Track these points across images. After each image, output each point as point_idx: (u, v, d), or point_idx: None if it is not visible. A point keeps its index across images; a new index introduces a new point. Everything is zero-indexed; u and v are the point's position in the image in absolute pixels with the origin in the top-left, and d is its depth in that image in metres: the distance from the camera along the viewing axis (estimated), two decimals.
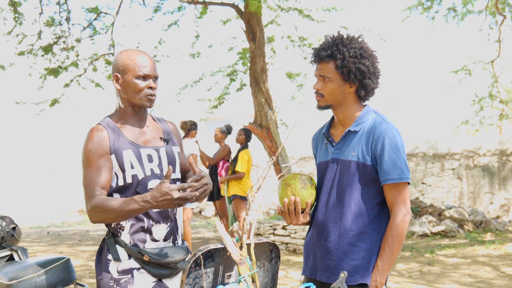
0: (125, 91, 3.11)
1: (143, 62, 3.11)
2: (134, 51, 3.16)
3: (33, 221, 19.65)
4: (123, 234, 3.08)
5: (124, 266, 3.07)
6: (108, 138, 3.06)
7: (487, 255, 10.53)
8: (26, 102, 13.02)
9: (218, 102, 14.97)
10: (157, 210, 3.09)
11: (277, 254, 2.91)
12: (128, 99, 3.13)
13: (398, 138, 3.05)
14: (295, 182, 3.06)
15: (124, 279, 3.06)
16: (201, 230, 15.66)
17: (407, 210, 3.00)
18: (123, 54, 3.15)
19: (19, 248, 4.33)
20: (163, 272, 3.10)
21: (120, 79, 3.10)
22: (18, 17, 12.16)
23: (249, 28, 11.42)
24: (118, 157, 3.05)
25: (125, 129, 3.14)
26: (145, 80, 3.10)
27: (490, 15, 16.48)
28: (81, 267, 9.53)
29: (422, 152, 17.45)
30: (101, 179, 3.00)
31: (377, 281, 2.98)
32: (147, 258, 3.03)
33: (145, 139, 3.16)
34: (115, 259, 3.07)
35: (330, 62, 3.09)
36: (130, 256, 3.07)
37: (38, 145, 22.89)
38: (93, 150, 3.03)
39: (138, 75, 3.08)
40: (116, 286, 3.05)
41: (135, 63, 3.09)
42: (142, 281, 3.07)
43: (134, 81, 3.08)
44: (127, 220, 3.06)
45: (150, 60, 3.15)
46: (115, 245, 3.09)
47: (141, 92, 3.09)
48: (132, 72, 3.08)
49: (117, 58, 3.14)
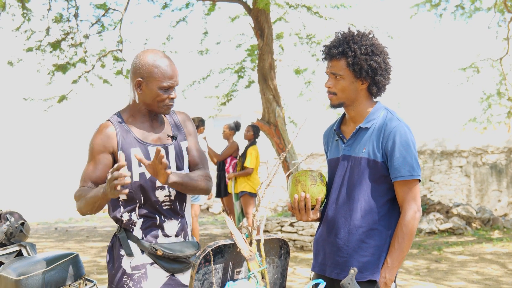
0: (146, 97, 3.09)
1: (169, 73, 3.07)
2: (160, 57, 3.10)
3: (41, 217, 19.70)
4: (135, 230, 3.11)
5: (137, 262, 3.09)
6: (116, 135, 3.09)
7: (495, 252, 10.51)
8: (34, 99, 13.03)
9: (226, 99, 14.96)
10: (167, 207, 3.11)
11: (286, 250, 2.91)
12: (147, 105, 3.12)
13: (409, 135, 3.05)
14: (305, 178, 3.05)
15: (137, 274, 3.08)
16: (208, 227, 15.67)
17: (417, 207, 2.99)
18: (149, 58, 3.08)
19: (27, 243, 4.34)
20: (176, 266, 3.12)
21: (143, 85, 3.07)
22: (26, 13, 12.16)
23: (258, 25, 11.40)
24: (126, 154, 3.07)
25: (134, 126, 3.15)
26: (168, 91, 3.09)
27: (499, 12, 16.39)
28: (89, 263, 9.55)
29: (430, 150, 17.41)
30: (94, 174, 3.07)
31: (387, 277, 2.98)
32: (161, 252, 3.04)
33: (154, 137, 3.16)
34: (128, 255, 3.09)
35: (342, 60, 3.08)
36: (143, 252, 3.10)
37: (46, 141, 22.93)
38: (95, 146, 3.08)
39: (163, 86, 3.06)
40: (130, 281, 3.07)
41: (161, 73, 3.05)
42: (155, 276, 3.09)
43: (157, 92, 3.06)
44: (139, 217, 3.09)
45: (175, 70, 3.12)
46: (128, 240, 3.11)
47: (162, 102, 3.09)
48: (157, 82, 3.05)
49: (141, 62, 3.08)
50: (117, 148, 3.07)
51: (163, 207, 3.11)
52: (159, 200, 3.11)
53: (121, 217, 3.12)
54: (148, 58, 3.08)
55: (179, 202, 3.17)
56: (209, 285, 2.55)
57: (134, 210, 3.10)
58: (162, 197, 3.12)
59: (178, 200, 3.17)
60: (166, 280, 3.11)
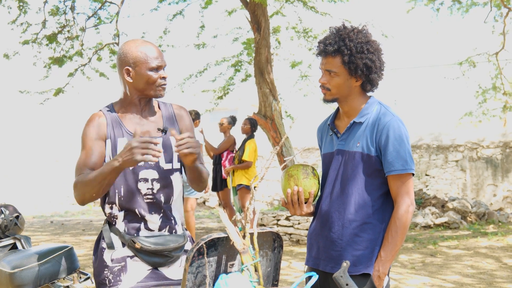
0: (138, 83, 3.09)
1: (154, 53, 3.09)
2: (141, 42, 3.14)
3: (37, 210, 19.71)
4: (117, 223, 3.10)
5: (118, 254, 3.09)
6: (106, 125, 3.09)
7: (490, 246, 10.54)
8: (30, 91, 13.02)
9: (223, 93, 14.96)
10: (149, 201, 3.09)
11: (280, 243, 2.91)
12: (141, 91, 3.11)
13: (403, 129, 3.05)
14: (297, 172, 3.06)
15: (117, 267, 3.08)
16: (205, 220, 15.70)
17: (411, 201, 3.00)
18: (131, 46, 3.11)
19: (22, 236, 4.35)
20: (157, 260, 3.10)
21: (132, 72, 3.07)
22: (22, 5, 12.13)
23: (254, 19, 11.39)
24: (112, 144, 3.07)
25: (125, 118, 3.15)
26: (158, 71, 3.09)
27: (495, 7, 16.41)
28: (84, 256, 9.56)
29: (426, 144, 17.44)
30: (89, 161, 3.03)
31: (380, 271, 2.99)
32: (139, 246, 3.03)
33: (144, 129, 3.13)
34: (109, 247, 3.09)
35: (337, 57, 3.08)
36: (124, 244, 3.09)
37: (41, 134, 22.91)
38: (87, 134, 3.08)
39: (151, 67, 3.06)
40: (110, 274, 3.07)
41: (146, 55, 3.07)
42: (135, 269, 3.08)
43: (147, 73, 3.06)
44: (120, 210, 3.08)
45: (158, 50, 3.14)
46: (110, 233, 3.11)
47: (155, 83, 3.09)
48: (144, 64, 3.05)
49: (124, 51, 3.10)
50: (106, 137, 3.08)
51: (145, 200, 3.09)
52: (141, 192, 3.09)
53: (104, 208, 3.13)
54: (130, 46, 3.11)
55: (163, 196, 3.14)
56: (202, 278, 2.55)
57: (114, 203, 3.08)
58: (144, 190, 3.09)
59: (163, 193, 3.14)
60: (148, 273, 3.09)
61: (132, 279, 3.07)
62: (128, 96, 3.16)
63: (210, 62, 15.10)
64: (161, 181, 3.13)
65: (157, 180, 3.12)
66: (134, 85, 3.10)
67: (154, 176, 3.11)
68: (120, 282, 3.06)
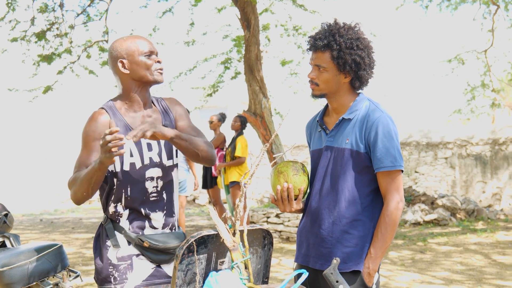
0: (135, 72, 3.08)
1: (143, 42, 3.11)
2: (129, 36, 3.16)
3: (26, 208, 19.63)
4: (121, 221, 3.10)
5: (123, 253, 3.09)
6: (110, 123, 3.05)
7: (479, 243, 10.59)
8: (19, 89, 12.97)
9: (213, 90, 14.95)
10: (154, 198, 3.10)
11: (270, 240, 2.91)
12: (140, 79, 3.10)
13: (392, 125, 3.05)
14: (287, 169, 3.06)
15: (123, 265, 3.07)
16: (195, 218, 15.68)
17: (400, 198, 3.00)
18: (120, 41, 3.13)
19: (11, 235, 4.33)
20: (163, 258, 3.13)
21: (126, 63, 3.08)
22: (11, 3, 12.07)
23: (244, 16, 11.38)
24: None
25: (127, 115, 3.14)
26: (151, 56, 3.10)
27: (484, 4, 16.46)
28: (74, 254, 9.54)
29: (415, 141, 17.48)
30: (88, 161, 3.00)
31: (370, 268, 2.99)
32: (147, 244, 3.04)
33: None
34: (114, 245, 3.08)
35: (326, 52, 3.08)
36: (129, 243, 3.09)
37: (31, 132, 22.83)
38: (89, 133, 3.04)
39: (144, 52, 3.07)
40: (115, 272, 3.07)
41: (136, 43, 3.09)
42: (141, 267, 3.09)
43: (142, 59, 3.07)
44: (125, 208, 3.08)
45: (147, 40, 3.16)
46: (114, 231, 3.11)
47: (151, 68, 3.09)
48: (137, 52, 3.07)
49: (115, 47, 3.12)
50: None
51: (150, 198, 3.10)
52: (147, 191, 3.10)
53: (108, 207, 3.12)
54: (119, 41, 3.14)
55: (166, 194, 3.16)
56: (192, 275, 2.55)
57: (120, 201, 3.08)
58: (151, 188, 3.11)
59: (166, 191, 3.16)
60: (152, 272, 3.11)
61: (138, 277, 3.09)
62: (127, 91, 3.15)
63: (200, 60, 15.09)
64: (164, 178, 3.16)
65: (161, 177, 3.15)
66: (131, 76, 3.10)
67: (158, 174, 3.14)
68: (126, 280, 3.07)
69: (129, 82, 3.12)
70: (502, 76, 22.11)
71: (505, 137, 16.27)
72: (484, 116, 20.41)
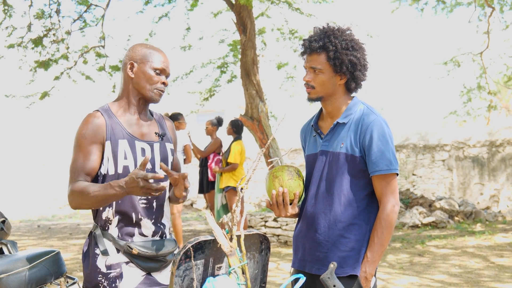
0: (138, 80, 3.09)
1: (162, 58, 3.13)
2: (153, 47, 3.18)
3: (24, 214, 19.60)
4: (111, 228, 3.05)
5: (113, 260, 3.03)
6: (105, 125, 3.03)
7: (477, 245, 10.59)
8: (16, 95, 12.96)
9: (209, 95, 14.96)
10: (144, 205, 3.07)
11: (267, 245, 2.92)
12: (139, 89, 3.10)
13: (386, 129, 3.06)
14: (282, 174, 3.06)
15: (113, 273, 3.02)
16: (192, 223, 15.66)
17: (395, 201, 3.01)
18: (142, 46, 3.16)
19: (8, 241, 4.32)
20: (152, 265, 3.08)
21: (135, 68, 3.09)
22: (7, 9, 12.08)
23: (240, 20, 11.39)
24: (113, 145, 3.01)
25: (123, 118, 3.11)
26: (160, 75, 3.11)
27: (479, 7, 16.51)
28: (71, 260, 9.52)
29: (412, 144, 17.49)
30: (87, 166, 2.97)
31: (367, 272, 2.99)
32: (136, 251, 2.99)
33: (141, 132, 3.12)
34: (103, 253, 3.03)
35: (322, 54, 3.09)
36: (118, 250, 3.04)
37: (28, 138, 22.82)
38: (86, 136, 3.00)
39: (156, 67, 3.08)
40: (105, 280, 3.01)
41: (153, 56, 3.10)
42: (131, 275, 3.04)
43: (149, 72, 3.07)
44: (114, 213, 3.04)
45: (167, 59, 3.17)
46: (103, 238, 3.06)
47: (154, 85, 3.09)
48: (150, 63, 3.08)
49: (135, 48, 3.14)
50: (105, 138, 3.02)
51: (140, 204, 3.06)
52: (137, 197, 3.06)
53: (98, 212, 3.08)
54: (142, 46, 3.16)
55: (156, 202, 3.13)
56: (189, 281, 2.55)
57: (111, 206, 3.04)
58: None
59: (156, 199, 3.13)
60: (142, 280, 3.05)
61: (128, 285, 3.03)
62: (126, 94, 3.15)
63: (196, 64, 15.10)
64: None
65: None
66: (134, 82, 3.10)
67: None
68: None
69: (129, 86, 3.13)
70: (498, 78, 22.15)
71: (502, 138, 16.30)
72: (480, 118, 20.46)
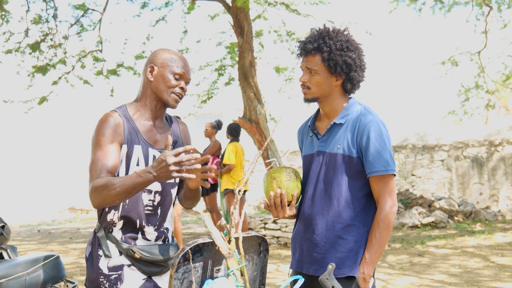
0: (157, 84, 3.09)
1: (182, 63, 3.13)
2: (175, 52, 3.18)
3: (24, 219, 19.60)
4: (115, 230, 3.06)
5: (115, 263, 3.04)
6: (123, 127, 3.02)
7: (477, 245, 10.60)
8: (14, 101, 12.97)
9: (207, 97, 14.96)
10: (148, 212, 3.07)
11: (265, 247, 2.92)
12: (157, 93, 3.10)
13: (383, 129, 3.06)
14: (280, 175, 3.07)
15: (114, 275, 3.03)
16: (192, 226, 15.67)
17: (393, 202, 3.01)
18: (165, 51, 3.17)
19: (8, 246, 4.32)
20: (154, 269, 3.08)
21: (155, 71, 3.09)
22: (4, 15, 12.10)
23: (237, 23, 11.40)
24: (129, 149, 3.02)
25: (139, 123, 3.10)
26: (179, 80, 3.11)
27: (477, 6, 16.53)
28: (71, 264, 9.52)
29: (411, 144, 17.50)
30: (109, 163, 2.94)
31: (365, 273, 2.99)
32: (139, 255, 3.00)
33: (156, 139, 3.13)
34: (106, 255, 3.04)
35: (317, 55, 3.10)
36: (121, 253, 3.05)
37: (27, 143, 22.81)
38: (106, 134, 2.97)
39: (175, 72, 3.09)
40: (106, 282, 3.02)
41: (175, 60, 3.11)
42: (132, 278, 3.05)
43: (169, 77, 3.08)
44: (119, 218, 3.04)
45: (188, 66, 3.18)
46: (107, 240, 3.07)
47: (172, 89, 3.09)
48: (170, 67, 3.09)
49: (157, 52, 3.15)
50: (123, 141, 3.01)
51: (145, 211, 3.07)
52: (143, 203, 3.06)
53: (103, 214, 3.07)
54: (164, 50, 3.17)
55: (161, 209, 3.13)
56: (188, 283, 2.56)
57: (117, 210, 3.04)
58: (146, 201, 3.07)
59: (161, 206, 3.13)
60: (142, 283, 3.06)
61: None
62: (144, 97, 3.14)
63: (194, 67, 15.10)
64: (162, 194, 3.13)
65: (159, 192, 3.11)
66: (153, 85, 3.10)
67: (157, 189, 3.10)
68: None
69: (148, 89, 3.13)
70: (497, 77, 22.16)
71: (501, 138, 16.31)
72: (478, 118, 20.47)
